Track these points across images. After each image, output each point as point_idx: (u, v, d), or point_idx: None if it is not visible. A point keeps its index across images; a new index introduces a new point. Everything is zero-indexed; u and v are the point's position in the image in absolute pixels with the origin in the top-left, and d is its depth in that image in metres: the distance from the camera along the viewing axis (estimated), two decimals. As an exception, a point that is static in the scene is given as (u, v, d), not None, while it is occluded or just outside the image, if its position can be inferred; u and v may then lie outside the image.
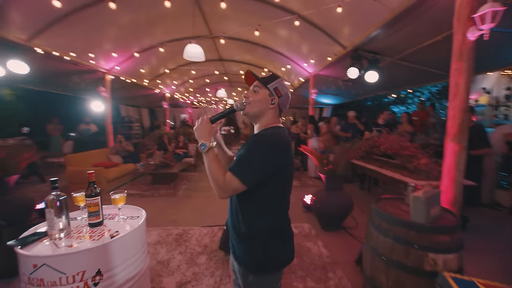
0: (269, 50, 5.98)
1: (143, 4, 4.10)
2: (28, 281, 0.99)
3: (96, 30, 4.37)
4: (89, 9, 3.76)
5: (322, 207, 2.88)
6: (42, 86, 6.49)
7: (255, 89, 0.99)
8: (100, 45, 4.79)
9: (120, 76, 6.53)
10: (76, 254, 1.00)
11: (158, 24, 4.83)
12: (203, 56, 4.16)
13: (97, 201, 1.23)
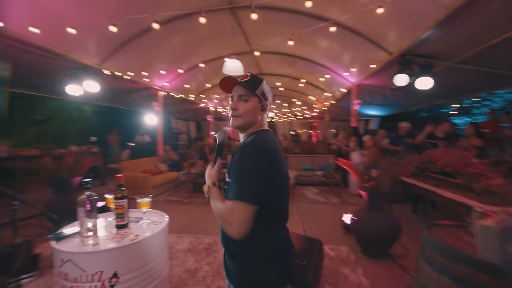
0: (309, 62, 5.90)
1: (189, 27, 4.51)
2: (57, 274, 1.07)
3: (149, 53, 4.97)
4: (144, 34, 4.30)
5: (363, 228, 2.55)
6: (108, 102, 7.58)
7: (244, 98, 0.89)
8: (153, 65, 5.39)
9: (170, 92, 7.23)
10: (95, 253, 1.04)
11: (203, 44, 5.23)
12: (242, 70, 4.29)
13: (123, 204, 1.30)
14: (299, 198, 4.73)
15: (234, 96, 0.91)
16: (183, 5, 3.31)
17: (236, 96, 0.90)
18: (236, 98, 0.90)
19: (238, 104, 0.89)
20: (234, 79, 0.90)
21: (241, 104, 0.89)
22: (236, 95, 0.91)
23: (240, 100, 0.89)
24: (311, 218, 3.62)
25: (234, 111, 0.89)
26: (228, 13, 4.28)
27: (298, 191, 5.26)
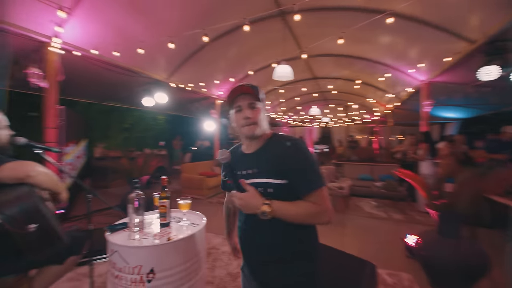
0: (367, 61, 5.41)
1: (242, 38, 4.73)
2: (109, 262, 1.22)
3: (208, 65, 5.43)
4: (202, 49, 4.72)
5: (430, 256, 2.10)
6: (175, 111, 8.59)
7: (253, 105, 0.91)
8: (211, 76, 5.85)
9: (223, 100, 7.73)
10: (136, 248, 1.15)
11: (256, 52, 5.38)
12: (292, 75, 4.23)
13: (166, 204, 1.40)
14: (353, 211, 4.29)
15: (243, 105, 0.92)
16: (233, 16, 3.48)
17: (246, 105, 0.92)
18: (245, 107, 0.92)
19: (250, 112, 0.91)
20: (247, 87, 0.92)
21: (253, 112, 0.91)
22: (245, 104, 0.92)
23: (250, 108, 0.91)
24: (366, 235, 3.23)
25: (249, 119, 0.90)
26: (278, 20, 4.31)
27: (352, 203, 4.78)
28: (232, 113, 0.97)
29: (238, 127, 0.94)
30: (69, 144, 4.07)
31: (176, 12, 3.58)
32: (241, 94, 0.92)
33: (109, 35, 3.56)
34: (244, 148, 1.00)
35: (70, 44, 3.42)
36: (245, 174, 0.92)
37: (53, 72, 3.30)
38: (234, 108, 0.94)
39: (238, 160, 0.97)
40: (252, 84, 0.94)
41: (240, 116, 0.92)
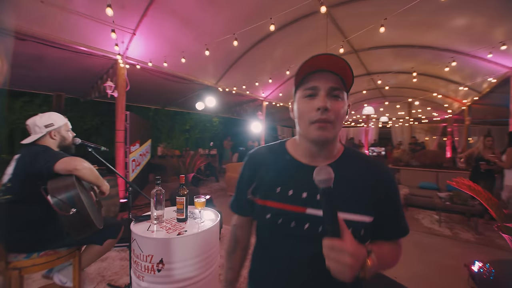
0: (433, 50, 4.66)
1: (287, 38, 4.70)
2: (132, 248, 1.40)
3: (253, 68, 5.59)
4: (246, 54, 4.89)
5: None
6: (224, 113, 9.12)
7: (336, 93, 0.60)
8: (257, 79, 5.98)
9: (272, 101, 7.80)
10: (149, 239, 1.29)
11: (302, 51, 5.26)
12: None
13: (182, 201, 1.52)
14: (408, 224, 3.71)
15: (321, 88, 0.59)
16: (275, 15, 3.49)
17: (326, 88, 0.59)
18: (324, 92, 0.59)
19: (331, 102, 0.59)
20: (335, 58, 0.58)
21: (335, 103, 0.59)
22: (325, 87, 0.59)
23: (331, 96, 0.59)
24: (422, 254, 2.75)
25: (326, 113, 0.58)
26: (323, 16, 4.11)
27: (408, 214, 4.14)
28: (298, 97, 0.64)
29: (303, 121, 0.62)
30: (134, 144, 4.80)
31: (222, 20, 3.82)
32: (320, 71, 0.60)
33: (164, 48, 4.06)
34: (300, 154, 0.68)
35: (134, 59, 4.04)
36: (306, 198, 0.61)
37: (122, 83, 3.97)
38: (304, 89, 0.62)
39: (283, 172, 0.67)
40: (341, 58, 0.59)
41: (311, 105, 0.60)
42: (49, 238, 1.36)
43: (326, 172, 0.50)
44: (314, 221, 0.60)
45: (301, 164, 0.67)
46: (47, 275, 1.57)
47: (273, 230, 0.65)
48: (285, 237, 0.63)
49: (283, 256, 0.64)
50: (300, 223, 0.61)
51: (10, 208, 1.31)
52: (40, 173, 1.28)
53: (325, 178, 0.50)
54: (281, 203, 0.63)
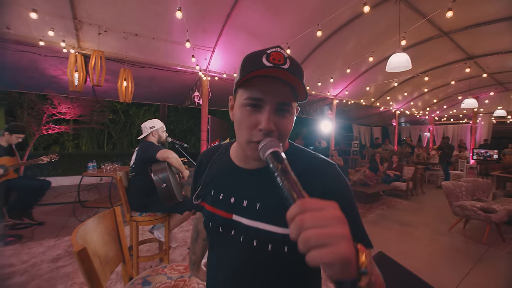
0: None
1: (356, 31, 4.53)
2: (199, 218, 1.91)
3: (322, 66, 5.59)
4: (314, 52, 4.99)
5: None
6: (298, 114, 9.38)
7: (285, 107, 0.53)
8: (326, 76, 5.94)
9: (343, 99, 7.47)
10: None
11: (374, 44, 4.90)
12: (409, 63, 3.62)
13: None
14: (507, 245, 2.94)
15: (267, 101, 0.51)
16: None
17: (273, 104, 0.51)
18: (270, 110, 0.51)
19: (276, 120, 0.51)
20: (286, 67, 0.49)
21: (280, 119, 0.52)
22: (272, 103, 0.51)
23: (277, 112, 0.52)
24: None
25: (269, 133, 0.50)
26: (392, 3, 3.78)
27: None
28: (238, 101, 0.54)
29: (241, 134, 0.53)
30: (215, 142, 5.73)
31: (287, 26, 4.12)
32: (268, 77, 0.49)
33: (238, 59, 4.71)
34: (235, 156, 0.62)
35: (214, 71, 4.87)
36: (233, 204, 0.57)
37: (205, 93, 4.88)
38: (246, 97, 0.52)
39: (218, 175, 0.63)
40: (294, 60, 0.51)
41: (252, 120, 0.51)
42: (152, 204, 2.04)
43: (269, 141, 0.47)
44: (239, 229, 0.55)
45: (235, 167, 0.61)
46: (151, 231, 2.31)
47: (208, 233, 0.64)
48: (215, 242, 0.62)
49: (217, 261, 0.62)
50: (227, 229, 0.58)
51: (133, 182, 2.06)
52: (149, 158, 1.97)
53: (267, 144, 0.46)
54: (212, 207, 0.61)
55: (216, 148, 0.72)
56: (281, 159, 0.42)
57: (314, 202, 0.32)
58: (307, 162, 0.58)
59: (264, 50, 0.52)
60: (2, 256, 2.33)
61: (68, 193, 4.97)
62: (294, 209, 0.32)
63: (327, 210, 0.31)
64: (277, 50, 0.52)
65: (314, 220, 0.30)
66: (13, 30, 3.07)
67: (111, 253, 0.92)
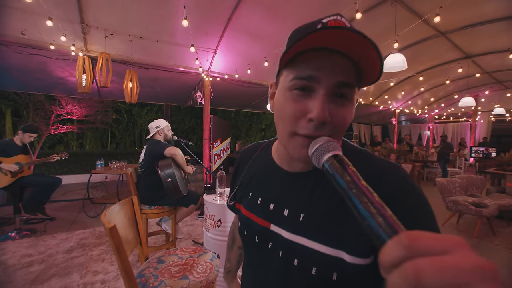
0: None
1: None
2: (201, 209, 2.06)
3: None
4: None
5: None
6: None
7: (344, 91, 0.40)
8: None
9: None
10: (212, 204, 1.89)
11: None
12: (405, 64, 3.74)
13: (236, 182, 2.07)
14: (504, 240, 3.06)
15: (322, 81, 0.39)
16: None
17: (330, 85, 0.39)
18: (325, 93, 0.39)
19: (332, 108, 0.39)
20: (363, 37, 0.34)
21: (337, 108, 0.40)
22: (329, 83, 0.39)
23: (334, 96, 0.40)
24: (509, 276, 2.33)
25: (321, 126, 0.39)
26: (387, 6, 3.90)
27: (511, 231, 3.36)
28: (282, 83, 0.43)
29: (283, 126, 0.43)
30: (217, 141, 5.88)
31: (286, 28, 4.24)
32: (325, 50, 0.38)
33: (239, 60, 4.84)
34: (278, 156, 0.53)
35: (215, 72, 5.00)
36: (272, 212, 0.50)
37: (207, 93, 5.02)
38: (294, 76, 0.40)
39: (257, 175, 0.57)
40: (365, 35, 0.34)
41: (300, 107, 0.40)
42: (160, 197, 2.19)
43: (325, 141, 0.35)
44: (278, 242, 0.47)
45: (277, 167, 0.52)
46: (158, 223, 2.46)
47: (243, 240, 0.57)
48: (250, 253, 0.55)
49: (251, 276, 0.54)
50: (263, 240, 0.50)
51: (143, 177, 2.21)
52: (157, 155, 2.12)
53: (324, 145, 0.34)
54: (249, 212, 0.53)
55: (258, 145, 0.63)
56: (347, 166, 0.31)
57: (429, 237, 0.19)
58: (363, 166, 0.39)
59: (319, 19, 0.41)
60: (21, 247, 2.50)
61: (75, 190, 5.15)
62: (397, 248, 0.19)
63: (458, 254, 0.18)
64: (336, 18, 0.39)
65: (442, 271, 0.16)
66: (27, 35, 3.22)
67: (130, 236, 1.07)
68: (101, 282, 1.96)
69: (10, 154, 2.77)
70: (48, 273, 2.04)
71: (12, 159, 2.76)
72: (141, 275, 0.99)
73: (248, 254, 0.57)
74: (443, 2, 3.51)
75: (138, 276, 0.98)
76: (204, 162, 4.96)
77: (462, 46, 5.39)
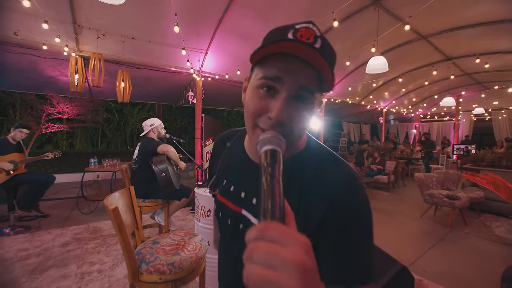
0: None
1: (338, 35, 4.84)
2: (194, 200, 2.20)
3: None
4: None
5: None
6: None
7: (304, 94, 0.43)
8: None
9: (332, 98, 7.81)
10: (203, 195, 2.03)
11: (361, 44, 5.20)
12: (387, 66, 3.96)
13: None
14: (474, 230, 3.33)
15: (285, 84, 0.42)
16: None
17: (291, 90, 0.42)
18: (286, 96, 0.42)
19: (290, 109, 0.43)
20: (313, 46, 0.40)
21: (296, 109, 0.43)
22: (290, 88, 0.42)
23: (294, 99, 0.43)
24: (474, 258, 2.57)
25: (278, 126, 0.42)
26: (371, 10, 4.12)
27: (480, 221, 3.64)
28: (253, 79, 0.47)
29: (248, 117, 0.46)
30: (208, 139, 6.00)
31: None
32: (292, 57, 0.41)
33: (229, 60, 4.97)
34: (248, 148, 0.57)
35: (207, 72, 5.12)
36: (243, 199, 0.54)
37: (199, 92, 5.13)
38: (263, 75, 0.44)
39: (230, 164, 0.60)
40: (327, 41, 0.43)
41: (264, 103, 0.44)
42: (153, 191, 2.31)
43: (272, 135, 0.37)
44: (247, 224, 0.52)
45: (247, 158, 0.56)
46: (152, 216, 2.58)
47: (218, 222, 0.62)
48: (224, 230, 0.61)
49: (225, 250, 0.62)
50: (235, 222, 0.55)
51: (136, 173, 2.33)
52: (150, 152, 2.24)
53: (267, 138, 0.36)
54: (223, 198, 0.58)
55: (233, 133, 0.65)
56: (275, 161, 0.33)
57: (281, 231, 0.25)
58: (321, 167, 0.47)
59: (293, 24, 0.43)
60: (16, 242, 2.57)
61: (67, 189, 5.17)
62: (254, 231, 0.25)
63: (289, 248, 0.23)
64: (308, 26, 0.41)
65: (266, 255, 0.23)
66: (19, 35, 3.26)
67: (128, 220, 1.21)
68: (98, 272, 2.08)
69: (4, 152, 2.82)
70: (46, 265, 2.14)
71: (6, 157, 2.81)
72: (138, 253, 1.12)
73: (223, 232, 0.62)
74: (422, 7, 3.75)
75: (136, 254, 1.12)
76: (196, 160, 5.08)
77: (443, 49, 5.69)
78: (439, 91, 8.30)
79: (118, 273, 2.05)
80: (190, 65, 4.55)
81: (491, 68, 6.06)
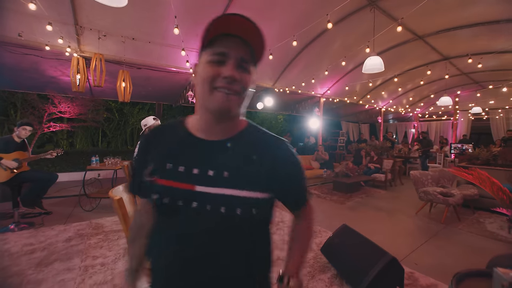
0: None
1: (339, 35, 4.92)
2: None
3: (309, 67, 5.97)
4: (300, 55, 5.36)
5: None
6: (285, 111, 9.72)
7: (245, 65, 0.57)
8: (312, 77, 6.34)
9: (330, 97, 7.89)
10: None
11: (357, 45, 5.27)
12: (383, 66, 4.04)
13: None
14: (467, 226, 3.41)
15: (230, 55, 0.56)
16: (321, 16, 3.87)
17: (236, 58, 0.56)
18: (232, 61, 0.55)
19: (238, 73, 0.56)
20: (248, 25, 0.56)
21: (242, 74, 0.56)
22: (234, 55, 0.56)
23: (239, 66, 0.56)
24: (464, 253, 2.65)
25: (232, 82, 0.55)
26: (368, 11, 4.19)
27: (474, 218, 3.72)
28: (202, 60, 0.58)
29: (205, 87, 0.56)
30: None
31: (275, 29, 4.47)
32: (231, 36, 0.55)
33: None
34: (197, 129, 0.63)
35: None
36: (197, 175, 0.58)
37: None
38: (211, 53, 0.56)
39: (175, 148, 0.63)
40: (256, 24, 0.57)
41: (217, 71, 0.55)
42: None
43: None
44: (204, 199, 0.56)
45: (196, 139, 0.62)
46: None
47: (160, 212, 0.61)
48: (171, 216, 0.59)
49: (169, 234, 0.60)
50: (187, 202, 0.57)
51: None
52: None
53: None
54: (170, 181, 0.58)
55: (166, 125, 0.70)
56: None
57: None
58: (261, 137, 0.67)
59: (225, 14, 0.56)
60: (21, 237, 2.65)
61: (68, 187, 5.25)
62: None
63: None
64: (239, 13, 0.55)
65: None
66: (23, 36, 3.34)
67: (131, 212, 1.28)
68: (101, 265, 2.15)
69: (9, 150, 2.90)
70: (51, 258, 2.22)
71: (11, 155, 2.89)
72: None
73: (165, 221, 0.60)
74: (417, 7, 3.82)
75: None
76: (196, 159, 5.17)
77: (440, 49, 5.75)
78: (437, 90, 8.37)
79: (121, 266, 2.13)
80: (189, 65, 4.62)
81: (489, 67, 6.13)
